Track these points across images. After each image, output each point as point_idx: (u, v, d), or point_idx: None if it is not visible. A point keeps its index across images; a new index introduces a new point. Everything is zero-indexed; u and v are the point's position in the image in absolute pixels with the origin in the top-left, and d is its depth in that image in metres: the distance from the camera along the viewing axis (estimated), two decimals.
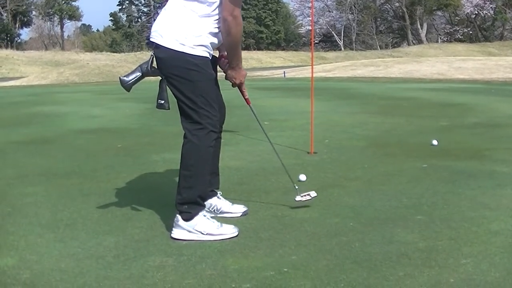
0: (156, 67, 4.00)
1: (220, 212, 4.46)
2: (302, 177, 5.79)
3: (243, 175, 5.93)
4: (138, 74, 4.04)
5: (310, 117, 7.34)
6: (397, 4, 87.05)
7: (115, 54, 67.45)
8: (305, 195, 4.63)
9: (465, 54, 58.61)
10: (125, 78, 4.06)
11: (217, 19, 3.92)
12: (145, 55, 63.99)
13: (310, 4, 79.21)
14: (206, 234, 3.95)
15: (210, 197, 4.43)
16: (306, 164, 6.42)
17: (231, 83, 4.26)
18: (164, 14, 4.02)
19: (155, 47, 3.95)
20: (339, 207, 4.69)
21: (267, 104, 12.66)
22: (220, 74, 4.19)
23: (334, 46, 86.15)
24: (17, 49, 72.22)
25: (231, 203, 4.56)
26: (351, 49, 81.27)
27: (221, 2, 3.86)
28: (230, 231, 4.00)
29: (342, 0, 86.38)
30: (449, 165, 6.16)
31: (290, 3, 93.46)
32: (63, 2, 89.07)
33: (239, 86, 4.28)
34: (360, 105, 12.77)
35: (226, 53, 4.21)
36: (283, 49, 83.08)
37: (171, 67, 3.91)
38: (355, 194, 5.08)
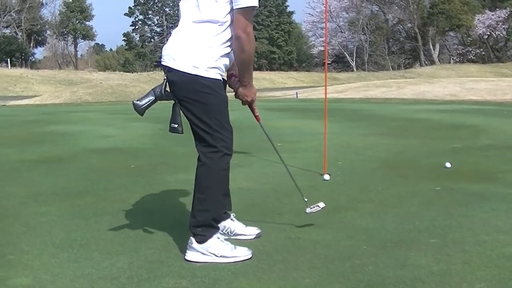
0: (169, 91, 4.00)
1: (233, 234, 4.46)
2: (326, 177, 6.37)
3: (256, 197, 5.94)
4: (152, 98, 4.01)
5: (323, 138, 7.35)
6: (409, 25, 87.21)
7: (128, 73, 67.80)
8: (314, 207, 4.69)
9: (478, 75, 58.53)
10: (138, 102, 4.03)
11: (229, 39, 3.92)
12: (158, 75, 64.16)
13: (322, 25, 79.58)
14: (220, 256, 3.96)
15: (224, 219, 4.44)
16: (319, 186, 6.42)
17: (241, 101, 4.27)
18: (175, 37, 4.01)
19: (168, 70, 3.93)
20: (352, 229, 4.69)
21: (279, 125, 12.67)
22: (230, 94, 4.19)
23: (346, 67, 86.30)
24: (31, 68, 72.69)
25: (244, 226, 4.56)
26: (363, 69, 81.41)
27: (232, 21, 3.88)
28: (244, 253, 4.01)
29: (355, 21, 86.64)
30: (462, 188, 6.14)
31: (302, 24, 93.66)
32: (77, 21, 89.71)
33: (250, 104, 4.28)
34: (373, 127, 12.76)
35: (236, 72, 4.20)
36: (296, 70, 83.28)
37: (185, 90, 3.91)
38: (368, 217, 5.08)
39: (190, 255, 4.00)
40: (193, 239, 4.01)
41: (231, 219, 4.52)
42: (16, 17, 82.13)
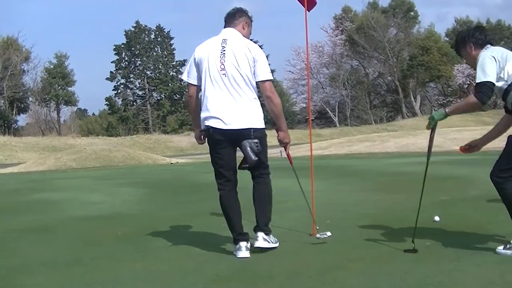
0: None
1: None
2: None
3: (245, 260, 5.85)
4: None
5: (311, 197, 7.32)
6: (389, 78, 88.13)
7: (111, 138, 67.91)
8: (323, 234, 6.22)
9: (460, 125, 58.91)
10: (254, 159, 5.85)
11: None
12: (141, 138, 64.41)
13: (303, 82, 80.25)
14: (274, 242, 6.04)
15: None
16: (309, 246, 6.37)
17: (279, 143, 6.31)
18: (244, 109, 5.95)
19: (252, 131, 5.92)
20: None
21: None
22: None
23: (329, 122, 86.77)
24: (14, 135, 72.49)
25: None
26: (346, 124, 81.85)
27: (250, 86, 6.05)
28: (276, 242, 6.07)
29: (335, 76, 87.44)
30: (452, 241, 6.11)
31: (283, 82, 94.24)
32: (59, 88, 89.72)
33: (287, 145, 6.35)
34: (359, 183, 12.77)
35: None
36: None
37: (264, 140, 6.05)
38: (359, 276, 5.03)
39: (261, 243, 5.91)
40: (262, 234, 5.93)
41: None
42: None
